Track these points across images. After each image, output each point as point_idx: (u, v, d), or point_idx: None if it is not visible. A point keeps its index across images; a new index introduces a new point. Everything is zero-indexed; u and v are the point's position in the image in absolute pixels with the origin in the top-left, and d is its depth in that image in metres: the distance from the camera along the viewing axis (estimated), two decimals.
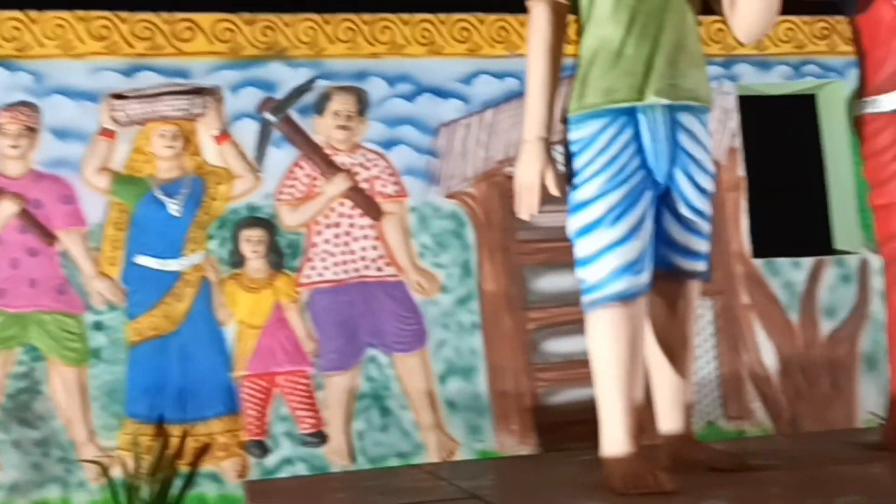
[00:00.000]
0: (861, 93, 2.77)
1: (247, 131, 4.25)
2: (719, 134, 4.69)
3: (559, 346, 4.35)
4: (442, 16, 4.41)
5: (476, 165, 4.43)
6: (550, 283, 4.39)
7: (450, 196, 4.39)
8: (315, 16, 4.33)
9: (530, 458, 3.75)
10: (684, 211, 2.42)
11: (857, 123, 2.79)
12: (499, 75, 4.45)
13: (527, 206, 2.37)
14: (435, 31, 4.41)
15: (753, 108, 4.88)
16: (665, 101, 2.35)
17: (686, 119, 2.39)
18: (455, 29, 4.43)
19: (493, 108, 4.45)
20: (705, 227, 2.48)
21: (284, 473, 4.09)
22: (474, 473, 2.87)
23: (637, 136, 2.35)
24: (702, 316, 4.56)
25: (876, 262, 4.56)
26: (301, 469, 4.13)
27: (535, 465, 3.21)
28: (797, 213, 5.11)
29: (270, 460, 4.13)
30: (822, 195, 5.02)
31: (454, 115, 4.43)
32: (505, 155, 4.39)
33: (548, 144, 2.37)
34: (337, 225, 4.28)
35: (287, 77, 4.31)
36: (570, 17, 2.47)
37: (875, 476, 2.30)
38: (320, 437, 4.18)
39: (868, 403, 4.56)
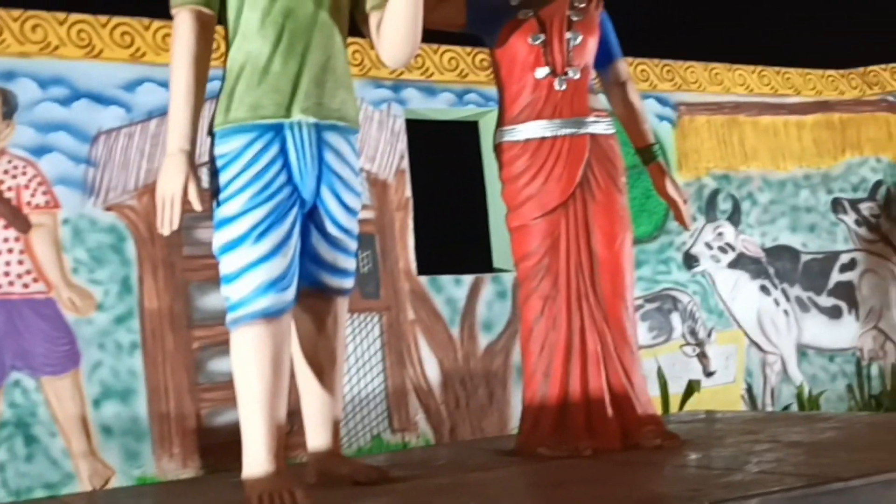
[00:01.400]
0: (500, 122, 2.97)
1: None
2: (388, 155, 4.84)
3: (226, 364, 4.24)
4: (101, 18, 4.17)
5: (138, 177, 4.23)
6: (218, 299, 4.27)
7: (109, 208, 4.16)
8: None
9: (186, 482, 3.62)
10: (331, 229, 2.45)
11: (497, 150, 2.98)
12: (165, 84, 4.26)
13: (168, 220, 2.28)
14: (94, 33, 4.16)
15: (421, 132, 5.10)
16: (311, 120, 2.37)
17: (333, 138, 2.43)
18: (116, 33, 4.21)
19: (158, 118, 4.28)
20: (352, 244, 2.53)
21: None
22: (117, 502, 2.72)
23: (284, 153, 2.35)
24: (370, 331, 4.67)
25: None
26: None
27: (188, 489, 3.10)
28: (460, 233, 5.40)
29: None
30: (484, 216, 5.34)
31: (115, 122, 4.20)
32: None
33: (191, 157, 2.30)
34: None
35: None
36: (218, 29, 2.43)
37: (492, 480, 2.46)
38: None
39: (519, 412, 4.89)
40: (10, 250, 3.95)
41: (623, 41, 3.12)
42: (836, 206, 6.01)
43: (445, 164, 5.38)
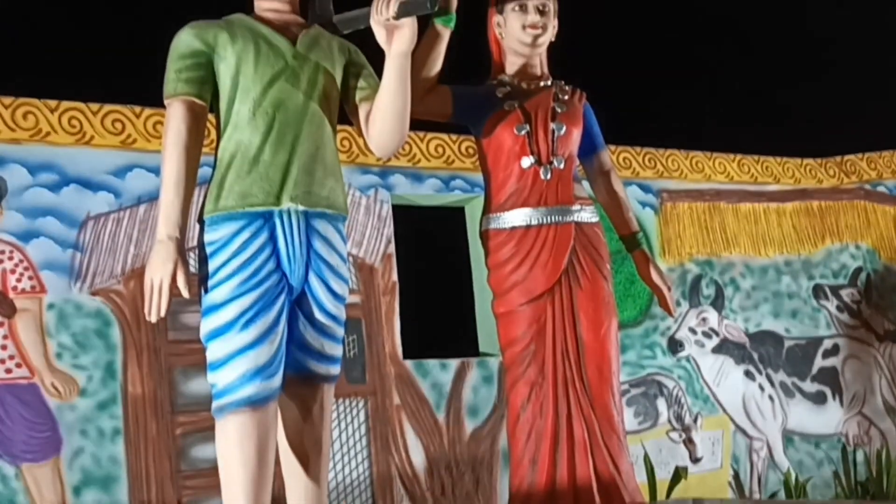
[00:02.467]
0: (486, 209, 3.02)
1: None
2: (375, 240, 4.87)
3: (209, 451, 4.19)
4: (93, 105, 4.23)
5: (126, 261, 4.24)
6: (202, 384, 4.24)
7: (95, 293, 4.15)
8: None
9: None
10: (319, 315, 2.47)
11: (483, 237, 3.02)
12: (154, 170, 4.32)
13: (156, 307, 2.30)
14: (85, 120, 4.22)
15: (408, 217, 5.15)
16: (300, 208, 2.41)
17: (321, 226, 2.46)
18: (107, 120, 4.26)
19: (147, 203, 4.31)
20: (339, 331, 2.54)
21: None
22: None
23: (273, 241, 2.39)
24: (355, 416, 4.63)
25: None
26: None
27: None
28: (447, 318, 5.41)
29: None
30: (470, 301, 5.36)
31: (104, 208, 4.22)
32: None
33: (180, 244, 2.33)
34: None
35: None
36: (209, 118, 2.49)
37: None
38: None
39: (506, 499, 4.83)
40: None
41: (605, 130, 3.20)
42: (818, 292, 6.06)
43: (432, 249, 5.42)
